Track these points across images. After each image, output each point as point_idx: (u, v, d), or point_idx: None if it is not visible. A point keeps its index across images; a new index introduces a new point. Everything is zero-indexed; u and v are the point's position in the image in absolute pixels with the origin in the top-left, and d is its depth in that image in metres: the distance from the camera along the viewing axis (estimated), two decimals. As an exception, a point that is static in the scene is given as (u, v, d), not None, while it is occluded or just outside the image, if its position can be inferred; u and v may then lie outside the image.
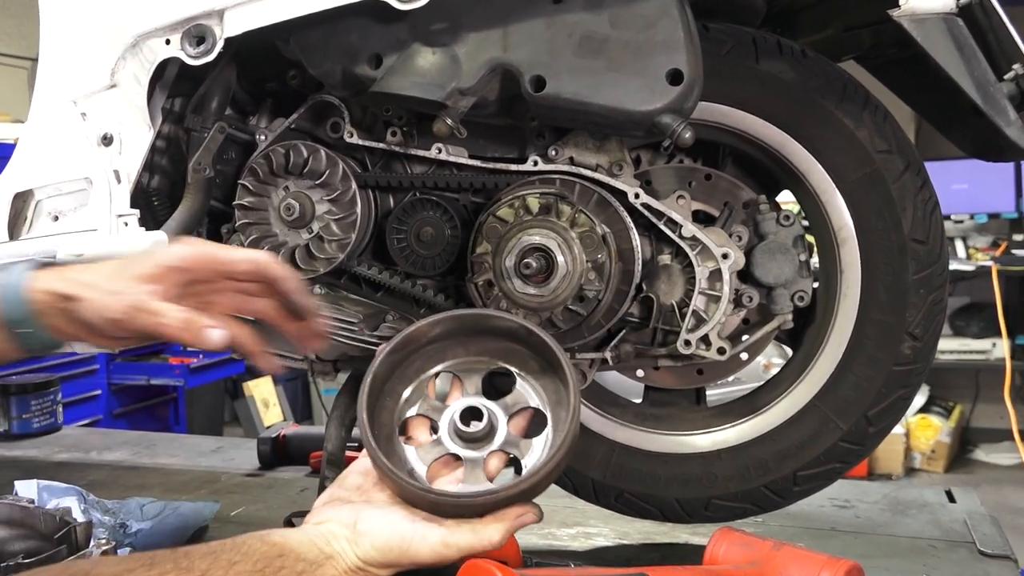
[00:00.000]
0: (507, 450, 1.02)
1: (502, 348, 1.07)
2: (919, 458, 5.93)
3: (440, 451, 1.02)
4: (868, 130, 1.30)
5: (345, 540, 0.92)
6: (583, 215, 1.23)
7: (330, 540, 0.92)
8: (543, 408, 1.05)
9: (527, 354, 1.06)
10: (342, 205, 1.33)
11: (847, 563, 1.15)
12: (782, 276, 1.34)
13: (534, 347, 1.05)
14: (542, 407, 1.05)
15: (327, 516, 0.96)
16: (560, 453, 0.95)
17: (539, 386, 1.06)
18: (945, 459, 5.91)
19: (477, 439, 1.01)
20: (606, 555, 1.50)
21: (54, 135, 1.37)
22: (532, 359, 1.06)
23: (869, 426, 1.34)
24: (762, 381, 1.52)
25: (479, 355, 1.07)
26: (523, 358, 1.06)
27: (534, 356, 1.06)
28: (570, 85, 1.12)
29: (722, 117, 1.34)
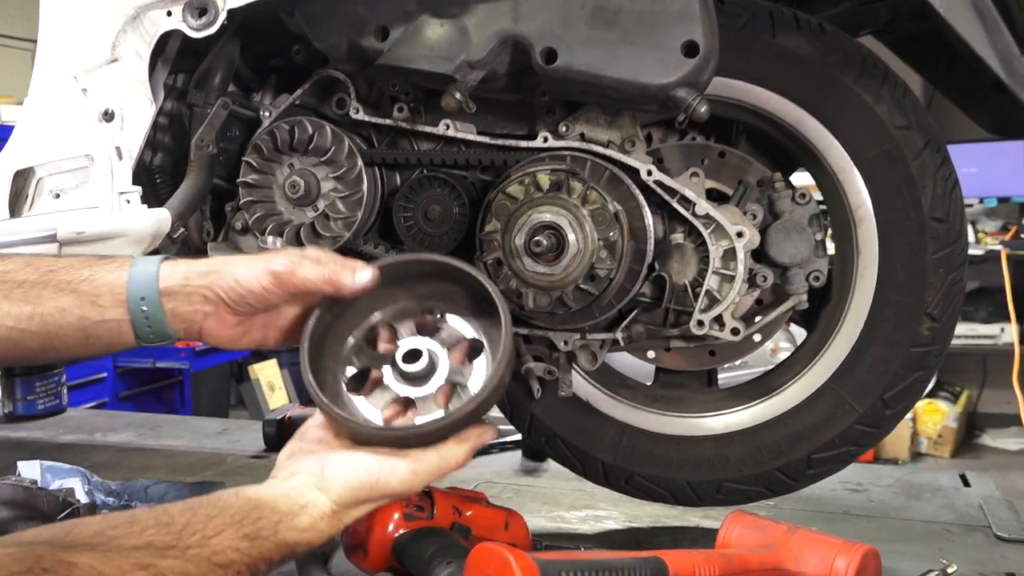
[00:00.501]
0: (453, 380, 1.03)
1: (429, 291, 1.06)
2: (925, 443, 5.91)
3: (390, 396, 1.03)
4: (887, 106, 1.26)
5: (316, 488, 0.93)
6: (595, 192, 1.20)
7: (301, 491, 0.92)
8: (477, 335, 1.05)
9: (453, 290, 1.06)
10: (348, 183, 1.30)
11: (863, 547, 1.13)
12: (797, 255, 1.31)
13: (457, 282, 1.05)
14: (476, 334, 1.05)
15: (294, 469, 0.96)
16: (502, 366, 0.97)
17: (470, 317, 1.06)
18: (952, 444, 5.89)
19: (422, 377, 1.01)
20: (616, 538, 1.48)
21: (54, 111, 1.34)
22: (457, 294, 1.06)
23: (886, 408, 1.32)
24: (769, 365, 1.50)
25: (408, 301, 1.07)
26: (449, 295, 1.06)
27: (459, 291, 1.06)
28: (582, 57, 1.09)
29: (737, 93, 1.31)
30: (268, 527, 0.87)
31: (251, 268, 0.97)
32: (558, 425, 1.44)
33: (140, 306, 0.96)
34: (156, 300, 0.96)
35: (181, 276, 0.98)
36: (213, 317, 0.98)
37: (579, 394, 1.42)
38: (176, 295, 0.97)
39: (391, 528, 1.06)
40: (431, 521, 1.09)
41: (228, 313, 0.99)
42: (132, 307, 0.96)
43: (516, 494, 1.71)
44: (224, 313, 0.98)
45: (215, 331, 0.99)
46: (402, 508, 1.08)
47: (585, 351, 1.32)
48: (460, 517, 1.12)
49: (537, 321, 1.30)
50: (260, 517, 0.87)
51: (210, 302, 0.98)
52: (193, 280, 0.98)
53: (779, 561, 1.14)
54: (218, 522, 0.84)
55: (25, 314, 0.95)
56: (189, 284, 0.97)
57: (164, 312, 0.97)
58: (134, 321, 0.97)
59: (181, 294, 0.97)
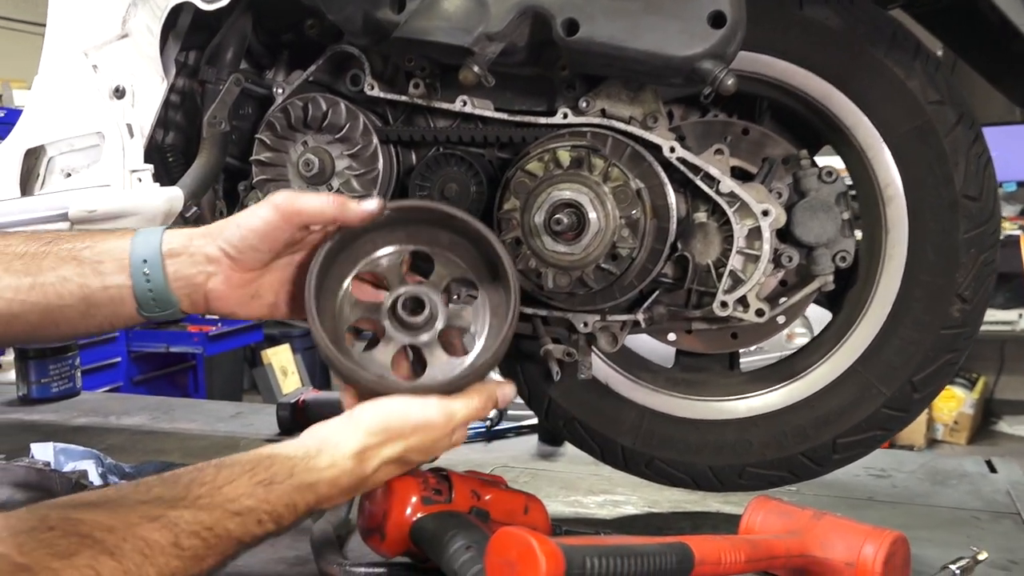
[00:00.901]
0: (453, 325, 1.04)
1: (406, 235, 1.06)
2: (941, 429, 5.86)
3: (394, 346, 1.02)
4: (919, 80, 1.22)
5: (340, 431, 0.92)
6: (616, 169, 1.17)
7: (320, 437, 0.91)
8: (468, 276, 1.06)
9: (436, 232, 1.06)
10: (363, 160, 1.27)
11: (892, 533, 1.11)
12: (824, 235, 1.28)
13: (447, 228, 1.05)
14: (467, 275, 1.06)
15: (320, 426, 0.95)
16: (514, 301, 1.00)
17: (455, 257, 1.06)
18: (968, 431, 5.84)
19: (423, 325, 1.02)
20: (635, 523, 1.46)
21: (65, 89, 1.32)
22: (443, 234, 1.05)
23: (914, 392, 1.28)
24: (785, 351, 1.46)
25: (387, 246, 1.06)
26: (434, 236, 1.06)
27: (445, 232, 1.05)
28: (605, 28, 1.06)
29: (762, 67, 1.27)
30: (283, 471, 0.85)
31: (252, 209, 0.96)
32: (577, 408, 1.41)
33: (142, 269, 0.94)
34: (159, 262, 0.94)
35: (184, 237, 0.97)
36: (218, 276, 0.96)
37: (598, 377, 1.39)
38: (179, 256, 0.96)
39: (409, 511, 1.04)
40: (449, 505, 1.06)
41: (234, 270, 0.96)
42: (134, 271, 0.94)
43: (533, 478, 1.68)
44: (230, 270, 0.96)
45: (222, 293, 0.97)
46: (420, 491, 1.05)
47: (605, 333, 1.29)
48: (479, 501, 1.09)
49: (556, 302, 1.27)
50: (273, 464, 0.86)
51: (213, 261, 0.96)
52: (196, 240, 0.96)
53: (805, 547, 1.11)
54: (228, 472, 0.83)
55: (25, 285, 0.93)
56: (192, 244, 0.96)
57: (167, 275, 0.95)
58: (135, 287, 0.95)
59: (184, 255, 0.96)
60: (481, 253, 1.05)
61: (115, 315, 0.96)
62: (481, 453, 1.91)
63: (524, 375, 1.42)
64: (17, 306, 0.93)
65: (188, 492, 0.79)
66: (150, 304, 0.95)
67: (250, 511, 0.82)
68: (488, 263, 1.05)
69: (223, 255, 0.96)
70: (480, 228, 1.03)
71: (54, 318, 0.95)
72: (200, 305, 0.98)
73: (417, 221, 1.05)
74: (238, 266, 0.96)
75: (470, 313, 1.05)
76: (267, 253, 0.97)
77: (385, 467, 0.94)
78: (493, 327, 1.04)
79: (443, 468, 1.12)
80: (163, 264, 0.95)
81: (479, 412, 0.98)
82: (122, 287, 0.95)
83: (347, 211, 0.96)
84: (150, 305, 0.95)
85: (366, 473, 0.92)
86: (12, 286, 0.93)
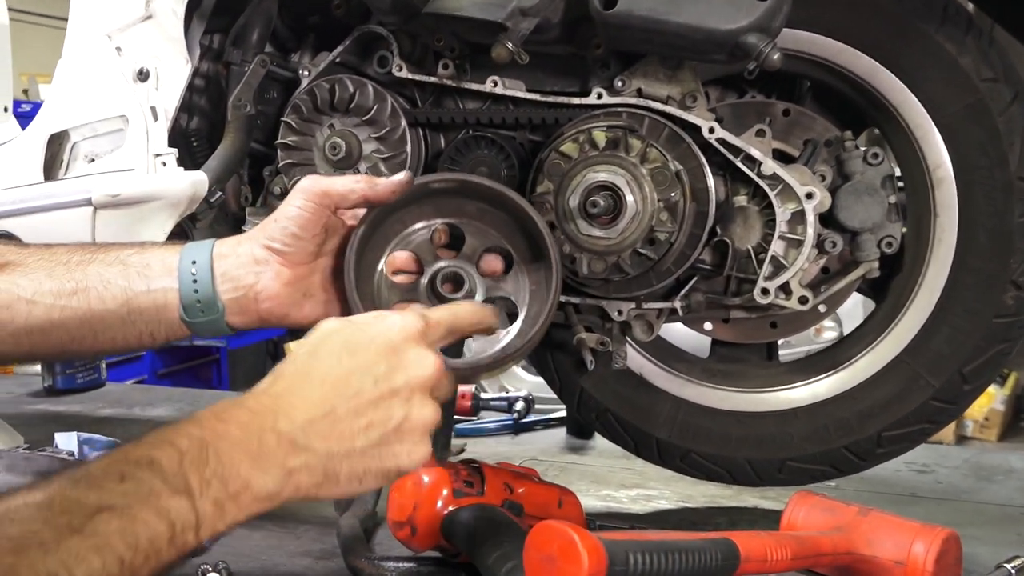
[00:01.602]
0: (493, 295, 1.00)
1: (433, 209, 1.02)
2: (971, 426, 5.75)
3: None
4: (972, 56, 1.17)
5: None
6: (655, 150, 1.12)
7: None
8: (502, 244, 1.01)
9: (463, 202, 1.02)
10: (391, 144, 1.24)
11: (943, 531, 1.06)
12: (869, 220, 1.23)
13: (470, 195, 1.02)
14: (500, 243, 1.01)
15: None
16: (552, 300, 0.96)
17: (484, 226, 1.02)
18: (999, 427, 5.72)
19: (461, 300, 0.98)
20: (669, 518, 1.42)
21: (88, 72, 1.30)
22: (469, 204, 1.02)
23: (964, 383, 1.23)
24: (813, 345, 1.41)
25: (416, 222, 1.03)
26: (461, 206, 1.02)
27: (472, 202, 1.02)
28: (645, 1, 1.02)
29: (803, 44, 1.22)
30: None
31: (284, 203, 0.94)
32: (610, 400, 1.37)
33: (190, 270, 0.92)
34: (208, 264, 0.92)
35: (232, 243, 0.95)
36: (268, 274, 0.93)
37: (632, 367, 1.35)
38: (227, 257, 0.93)
39: (440, 504, 1.01)
40: (482, 498, 1.03)
41: (284, 265, 0.93)
42: (182, 273, 0.92)
43: (562, 472, 1.65)
44: (279, 266, 0.93)
45: (273, 292, 0.93)
46: (451, 483, 1.02)
47: (640, 321, 1.25)
48: (512, 494, 1.06)
49: (590, 289, 1.23)
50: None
51: (261, 262, 0.93)
52: (243, 244, 0.94)
53: (852, 544, 1.06)
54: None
55: (67, 289, 0.90)
56: (239, 248, 0.94)
57: (214, 277, 0.92)
58: (182, 288, 0.92)
59: (231, 256, 0.93)
60: (513, 219, 1.01)
61: (157, 321, 0.93)
62: (508, 446, 1.88)
63: (555, 365, 1.38)
64: (57, 312, 0.90)
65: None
66: (195, 308, 0.92)
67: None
68: (521, 231, 1.01)
69: (270, 252, 0.94)
70: (505, 192, 1.00)
71: (93, 326, 0.91)
72: (250, 310, 0.93)
73: (443, 194, 1.02)
74: (287, 260, 0.94)
75: (510, 284, 1.01)
76: (310, 241, 0.94)
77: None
78: (534, 296, 1.00)
79: (475, 460, 1.09)
80: (212, 266, 0.92)
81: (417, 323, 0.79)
82: (167, 290, 0.92)
83: (376, 186, 0.94)
84: (194, 309, 0.92)
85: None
86: (54, 291, 0.90)
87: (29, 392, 2.38)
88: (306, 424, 0.71)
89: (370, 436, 0.73)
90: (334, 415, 0.72)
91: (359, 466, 0.73)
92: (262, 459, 0.69)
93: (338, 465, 0.72)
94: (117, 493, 0.61)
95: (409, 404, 0.75)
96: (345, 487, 0.73)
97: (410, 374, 0.75)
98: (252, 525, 1.27)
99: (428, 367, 0.77)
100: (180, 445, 0.65)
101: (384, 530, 1.24)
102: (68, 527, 0.58)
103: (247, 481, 0.68)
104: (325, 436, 0.72)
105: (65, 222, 1.24)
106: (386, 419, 0.74)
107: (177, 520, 0.63)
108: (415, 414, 0.76)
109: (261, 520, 1.32)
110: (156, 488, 0.62)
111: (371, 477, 0.74)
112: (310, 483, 0.71)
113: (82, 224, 1.23)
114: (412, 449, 0.76)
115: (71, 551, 0.57)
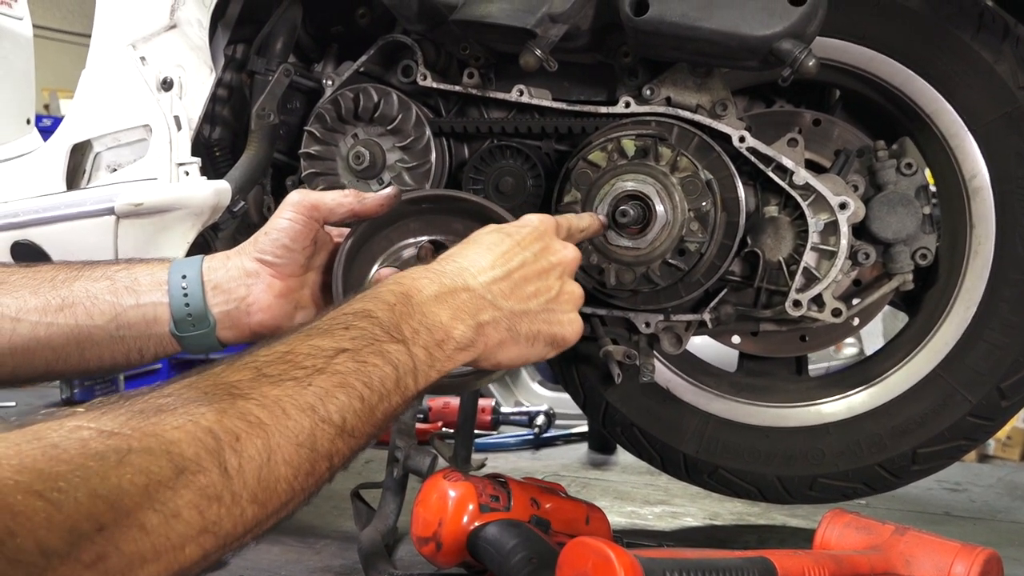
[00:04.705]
0: None
1: (420, 226, 1.02)
2: (993, 445, 5.66)
3: None
4: (1009, 64, 1.14)
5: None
6: (685, 159, 1.10)
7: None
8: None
9: (450, 220, 1.02)
10: (415, 153, 1.23)
11: (984, 551, 1.02)
12: (903, 231, 1.20)
13: (456, 211, 1.01)
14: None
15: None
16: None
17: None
18: (1022, 446, 5.62)
19: None
20: (696, 536, 1.39)
21: (112, 82, 1.29)
22: (456, 222, 1.01)
23: (1002, 399, 1.20)
24: (832, 361, 1.38)
25: (403, 239, 1.03)
26: (448, 224, 1.02)
27: (459, 218, 1.01)
28: (676, 7, 1.00)
29: (834, 53, 1.20)
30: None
31: (273, 217, 0.95)
32: (635, 414, 1.34)
33: (180, 284, 0.90)
34: (198, 277, 0.91)
35: (222, 257, 0.94)
36: (259, 286, 0.92)
37: (659, 381, 1.32)
38: (217, 270, 0.92)
39: (466, 520, 0.98)
40: (508, 513, 1.00)
41: (275, 276, 0.93)
42: (172, 286, 0.90)
43: (585, 488, 1.62)
44: (270, 278, 0.93)
45: (265, 304, 0.92)
46: (477, 498, 1.00)
47: (669, 333, 1.22)
48: (539, 510, 1.03)
49: (617, 300, 1.21)
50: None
51: (252, 274, 0.93)
52: (232, 258, 0.94)
53: (890, 564, 1.03)
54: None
55: (54, 305, 0.89)
56: (229, 262, 0.93)
57: (205, 290, 0.91)
58: (172, 301, 0.90)
59: (222, 269, 0.92)
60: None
61: (146, 336, 0.91)
62: (529, 462, 1.85)
63: (580, 378, 1.36)
64: (43, 330, 0.88)
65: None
66: (186, 322, 0.90)
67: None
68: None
69: (261, 265, 0.93)
70: (491, 207, 0.99)
71: (80, 343, 0.90)
72: (241, 324, 0.92)
73: (430, 211, 1.02)
74: (278, 272, 0.93)
75: None
76: (301, 253, 0.94)
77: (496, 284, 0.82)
78: None
79: (501, 475, 1.06)
80: (202, 280, 0.91)
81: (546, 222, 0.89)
82: (157, 304, 0.90)
83: (364, 200, 0.94)
84: (185, 323, 0.90)
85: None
86: (39, 308, 0.88)
87: (48, 403, 2.38)
88: (490, 283, 0.81)
89: (539, 301, 0.84)
90: (510, 279, 0.82)
91: (533, 327, 0.83)
92: (458, 311, 0.77)
93: (518, 323, 0.82)
94: (346, 339, 0.68)
95: (562, 280, 0.87)
96: (524, 347, 0.83)
97: (559, 256, 0.87)
98: (271, 539, 1.26)
99: (571, 252, 0.89)
100: (388, 300, 0.73)
101: (405, 545, 1.21)
102: (314, 368, 0.64)
103: (448, 331, 0.75)
104: (507, 295, 0.81)
105: (87, 231, 1.23)
106: (548, 288, 0.85)
107: (398, 364, 0.70)
108: (568, 288, 0.87)
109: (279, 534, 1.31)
110: (378, 335, 0.69)
111: (542, 341, 0.84)
112: (496, 338, 0.80)
113: (104, 233, 1.22)
114: (572, 318, 0.87)
115: (321, 387, 0.63)
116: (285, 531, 1.30)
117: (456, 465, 1.51)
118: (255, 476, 0.57)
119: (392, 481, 1.28)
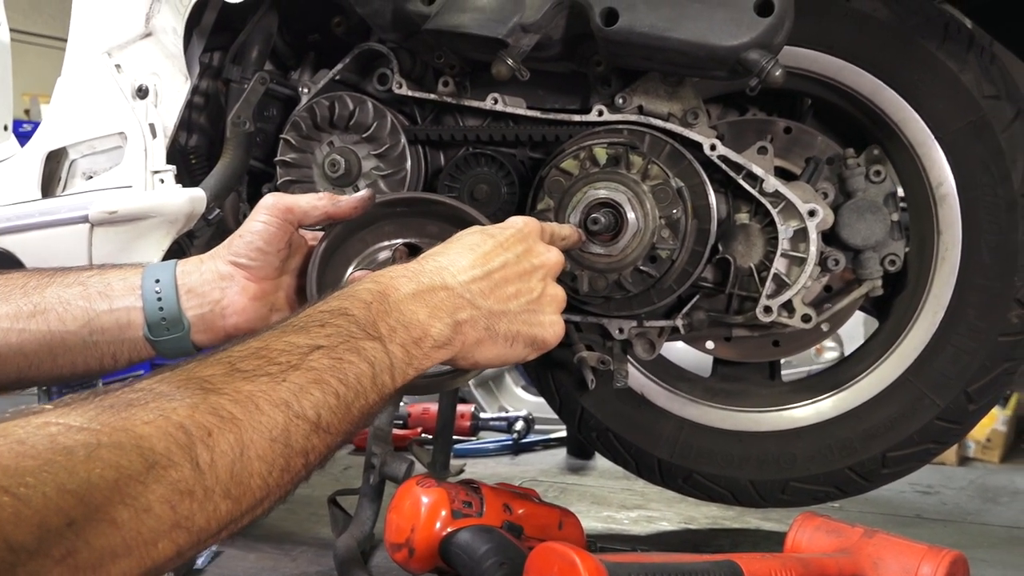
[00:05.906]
0: None
1: (395, 229, 1.03)
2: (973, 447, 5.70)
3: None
4: (974, 73, 1.16)
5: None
6: (656, 167, 1.12)
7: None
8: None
9: (424, 223, 1.03)
10: (390, 161, 1.23)
11: (950, 553, 1.04)
12: (872, 237, 1.22)
13: (430, 214, 1.02)
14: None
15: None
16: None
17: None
18: (1001, 448, 5.65)
19: None
20: (671, 540, 1.40)
21: (87, 90, 1.29)
22: (431, 224, 1.02)
23: (969, 403, 1.22)
24: (813, 365, 1.40)
25: (377, 242, 1.03)
26: (422, 227, 1.03)
27: (433, 221, 1.02)
28: (646, 18, 1.01)
29: (804, 62, 1.22)
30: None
31: (247, 219, 0.95)
32: (610, 420, 1.35)
33: (154, 288, 0.90)
34: (172, 281, 0.91)
35: (196, 261, 0.94)
36: (233, 289, 0.93)
37: (633, 387, 1.34)
38: (191, 274, 0.92)
39: (438, 525, 0.99)
40: (481, 519, 1.01)
41: (249, 279, 0.93)
42: (145, 290, 0.90)
43: (563, 493, 1.63)
44: (245, 280, 0.93)
45: (239, 306, 0.92)
46: (449, 504, 1.00)
47: (642, 339, 1.24)
48: (511, 515, 1.04)
49: (591, 307, 1.22)
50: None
51: (226, 277, 0.93)
52: (206, 262, 0.94)
53: (858, 567, 1.04)
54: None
55: (25, 312, 0.88)
56: (203, 266, 0.94)
57: (179, 293, 0.91)
58: (146, 305, 0.90)
59: (196, 273, 0.93)
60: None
61: (119, 341, 0.91)
62: (508, 467, 1.86)
63: (556, 384, 1.37)
64: (15, 336, 0.87)
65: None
66: (160, 326, 0.90)
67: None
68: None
69: (235, 268, 0.93)
70: (466, 210, 1.00)
71: (53, 349, 0.89)
72: (216, 327, 0.93)
73: (405, 214, 1.02)
74: (252, 275, 0.94)
75: None
76: (275, 256, 0.94)
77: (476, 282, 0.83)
78: None
79: (474, 480, 1.07)
80: (176, 283, 0.91)
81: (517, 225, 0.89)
82: (131, 309, 0.90)
83: (339, 203, 0.94)
84: (160, 327, 0.90)
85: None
86: (10, 314, 0.88)
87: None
88: (469, 282, 0.80)
89: (520, 302, 0.84)
90: (490, 279, 0.82)
91: (512, 327, 0.83)
92: (436, 310, 0.77)
93: (496, 322, 0.82)
94: (322, 336, 0.67)
95: (544, 283, 0.87)
96: (502, 347, 0.83)
97: (542, 258, 0.87)
98: (246, 546, 1.26)
99: (554, 256, 0.89)
100: (365, 298, 0.73)
101: (381, 552, 1.22)
102: (288, 364, 0.64)
103: (426, 329, 0.75)
104: (485, 295, 0.81)
105: (62, 239, 1.23)
106: (529, 290, 0.85)
107: (375, 361, 0.69)
108: (550, 291, 0.87)
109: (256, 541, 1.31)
110: (354, 332, 0.69)
111: (521, 341, 0.84)
112: (474, 337, 0.80)
113: (79, 241, 1.22)
114: (553, 320, 0.87)
115: (296, 383, 0.63)
116: (261, 538, 1.30)
117: (434, 471, 1.52)
118: (228, 471, 0.56)
119: (369, 488, 1.28)
